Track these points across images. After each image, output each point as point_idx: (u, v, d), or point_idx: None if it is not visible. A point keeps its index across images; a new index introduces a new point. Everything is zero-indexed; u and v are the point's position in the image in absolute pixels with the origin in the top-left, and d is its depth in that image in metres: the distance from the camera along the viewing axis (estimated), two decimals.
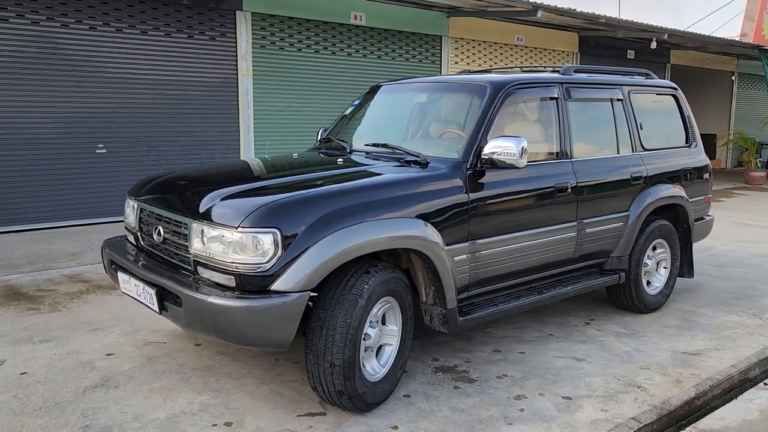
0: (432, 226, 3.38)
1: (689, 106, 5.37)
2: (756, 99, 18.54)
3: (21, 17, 7.35)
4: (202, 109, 8.81)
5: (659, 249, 4.97)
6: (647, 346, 4.27)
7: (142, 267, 3.40)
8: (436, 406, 3.35)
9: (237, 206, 3.04)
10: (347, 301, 3.03)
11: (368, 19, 10.22)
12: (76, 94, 7.82)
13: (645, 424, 3.23)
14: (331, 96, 9.87)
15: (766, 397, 3.56)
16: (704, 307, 5.13)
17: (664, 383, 3.68)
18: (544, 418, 3.25)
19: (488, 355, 4.06)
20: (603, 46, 14.19)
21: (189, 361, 3.88)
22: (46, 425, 3.09)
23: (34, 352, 3.98)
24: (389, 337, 3.37)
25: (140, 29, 8.17)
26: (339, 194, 3.19)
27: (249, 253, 2.90)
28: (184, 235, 3.20)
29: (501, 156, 3.56)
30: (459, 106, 4.31)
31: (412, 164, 3.70)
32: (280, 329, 2.91)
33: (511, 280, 3.98)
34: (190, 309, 2.99)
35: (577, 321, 4.74)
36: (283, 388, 3.53)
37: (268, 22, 9.24)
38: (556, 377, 3.74)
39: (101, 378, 3.63)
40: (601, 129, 4.60)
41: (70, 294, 5.21)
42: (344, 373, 3.03)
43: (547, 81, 4.26)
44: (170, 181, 3.71)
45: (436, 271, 3.40)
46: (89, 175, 8.02)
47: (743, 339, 4.43)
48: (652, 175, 4.76)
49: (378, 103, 4.76)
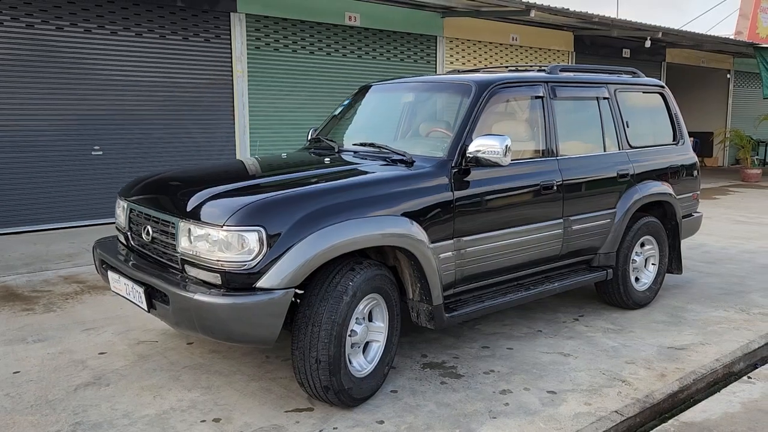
0: (417, 223, 3.43)
1: (679, 104, 5.42)
2: (752, 97, 18.57)
3: (16, 20, 7.41)
4: (198, 110, 8.86)
5: (647, 246, 5.02)
6: (634, 341, 4.31)
7: (132, 266, 3.45)
8: (423, 401, 3.40)
9: (222, 205, 3.09)
10: (332, 298, 3.08)
11: (363, 19, 10.27)
12: (72, 96, 7.88)
13: (627, 417, 3.28)
14: (326, 96, 9.92)
15: (748, 391, 3.60)
16: (692, 303, 5.17)
17: (648, 377, 3.73)
18: (528, 411, 3.30)
19: (476, 351, 4.10)
20: (598, 45, 14.23)
21: (180, 359, 3.93)
22: (37, 422, 3.14)
23: (27, 352, 4.03)
24: (376, 334, 3.42)
25: (135, 31, 8.22)
26: (323, 193, 3.24)
27: (234, 251, 2.95)
28: (171, 234, 3.25)
29: (485, 154, 3.61)
30: (445, 105, 4.35)
31: (398, 163, 3.74)
32: (265, 326, 2.96)
33: (497, 277, 4.02)
34: (177, 307, 3.04)
35: (566, 317, 4.79)
36: (273, 385, 3.58)
37: (262, 23, 9.29)
38: (542, 372, 3.79)
39: (93, 376, 3.68)
40: (588, 127, 4.65)
41: (65, 294, 5.26)
42: (330, 368, 3.08)
43: (532, 80, 4.31)
44: (159, 182, 3.76)
45: (421, 269, 3.44)
46: (86, 176, 8.08)
47: (729, 334, 4.47)
48: (639, 172, 4.80)
49: (367, 103, 4.81)
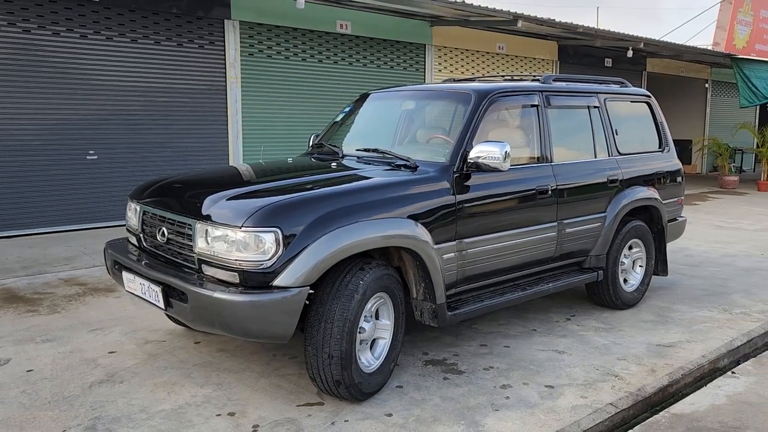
0: (422, 225, 3.60)
1: (662, 113, 5.66)
2: (729, 106, 19.08)
3: (12, 25, 7.47)
4: (192, 116, 8.96)
5: (635, 248, 5.24)
6: (624, 339, 4.51)
7: (146, 266, 3.57)
8: (428, 396, 3.56)
9: (240, 207, 3.23)
10: (344, 296, 3.23)
11: (354, 27, 10.44)
12: (67, 101, 7.94)
13: (621, 409, 3.47)
14: (318, 103, 10.07)
15: (733, 385, 3.81)
16: (678, 304, 5.40)
17: (639, 372, 3.93)
18: (529, 404, 3.47)
19: (475, 349, 4.27)
20: (581, 55, 14.57)
21: (190, 357, 4.05)
22: (57, 417, 3.24)
23: (37, 351, 4.11)
24: (382, 331, 3.58)
25: (130, 37, 8.31)
26: (335, 196, 3.40)
27: (252, 251, 3.09)
28: (188, 236, 3.37)
29: (486, 160, 3.79)
30: (445, 113, 4.53)
31: (402, 168, 3.91)
32: (281, 323, 3.10)
33: (496, 278, 4.20)
34: (196, 305, 3.16)
35: (558, 317, 4.98)
36: (282, 381, 3.71)
37: (256, 30, 9.42)
38: (539, 368, 3.97)
39: (106, 374, 3.78)
40: (579, 134, 4.86)
41: (68, 296, 5.33)
42: (341, 363, 3.22)
43: (527, 89, 4.51)
44: (172, 185, 3.88)
45: (426, 269, 3.61)
46: (80, 181, 8.13)
47: (714, 332, 4.70)
48: (628, 178, 5.03)
49: (368, 110, 4.98)
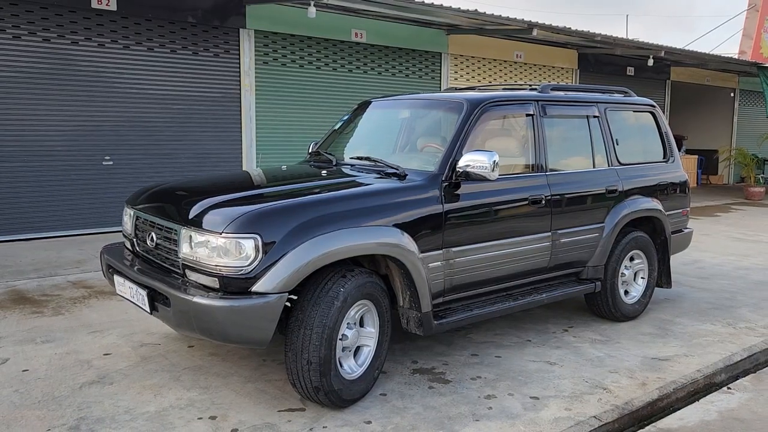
0: (408, 234, 3.60)
1: (667, 123, 5.59)
2: (756, 115, 18.68)
3: (33, 35, 7.70)
4: (206, 122, 9.12)
5: (637, 260, 5.16)
6: (619, 351, 4.45)
7: (136, 271, 3.64)
8: (410, 404, 3.55)
9: (222, 214, 3.28)
10: (324, 302, 3.26)
11: (369, 36, 10.52)
12: (85, 108, 8.15)
13: (605, 423, 3.42)
14: (331, 111, 10.14)
15: (726, 400, 3.73)
16: (681, 317, 5.30)
17: (629, 386, 3.86)
18: (510, 415, 3.45)
19: (466, 359, 4.25)
20: (602, 63, 14.42)
21: (181, 361, 4.11)
22: (43, 417, 3.32)
23: (36, 352, 4.22)
24: (367, 339, 3.59)
25: (147, 46, 8.50)
26: (318, 203, 3.42)
27: (232, 257, 3.14)
28: (174, 241, 3.44)
29: (474, 169, 3.79)
30: (438, 121, 4.54)
31: (392, 176, 3.93)
32: (259, 328, 3.14)
33: (486, 287, 4.18)
34: (178, 309, 3.22)
35: (555, 328, 4.93)
36: (268, 386, 3.75)
37: (270, 39, 9.56)
38: (527, 379, 3.93)
39: (97, 375, 3.86)
40: (577, 144, 4.82)
41: (73, 299, 5.46)
42: (320, 370, 3.24)
43: (522, 98, 4.49)
44: (163, 191, 3.97)
45: (410, 277, 3.62)
46: (97, 186, 8.33)
47: (713, 346, 4.60)
48: (628, 188, 4.96)
49: (366, 118, 5.02)
